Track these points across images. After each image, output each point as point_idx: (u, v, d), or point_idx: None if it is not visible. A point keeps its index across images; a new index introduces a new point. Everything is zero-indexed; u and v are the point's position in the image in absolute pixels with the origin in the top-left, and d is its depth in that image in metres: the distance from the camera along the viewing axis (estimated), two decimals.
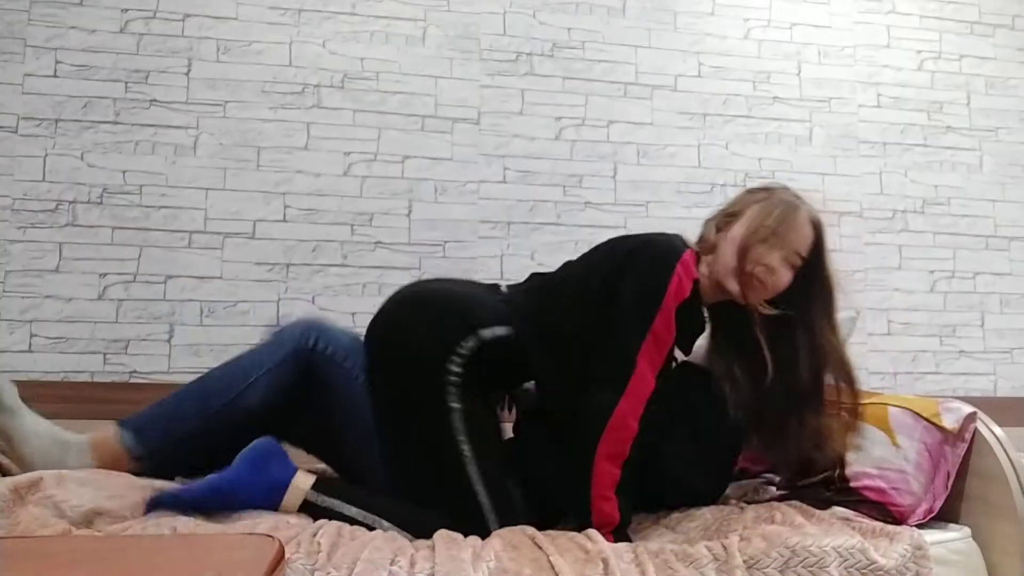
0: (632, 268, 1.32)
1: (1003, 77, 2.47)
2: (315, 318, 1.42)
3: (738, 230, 1.40)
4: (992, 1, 2.50)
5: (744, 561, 1.15)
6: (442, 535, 1.13)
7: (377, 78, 2.11)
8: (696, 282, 1.33)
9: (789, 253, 1.38)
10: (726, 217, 1.46)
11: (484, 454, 1.28)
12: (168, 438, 1.30)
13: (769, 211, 1.40)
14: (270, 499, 1.19)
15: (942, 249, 2.36)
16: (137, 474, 1.27)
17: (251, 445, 1.22)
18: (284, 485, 1.20)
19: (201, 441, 1.31)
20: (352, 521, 1.19)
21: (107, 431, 1.30)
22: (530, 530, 1.18)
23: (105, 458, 1.27)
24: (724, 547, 1.17)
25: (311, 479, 1.22)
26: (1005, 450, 1.41)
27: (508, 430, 1.47)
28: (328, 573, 0.99)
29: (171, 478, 1.29)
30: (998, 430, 1.44)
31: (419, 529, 1.20)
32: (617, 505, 1.25)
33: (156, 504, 1.15)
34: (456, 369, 1.27)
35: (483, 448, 1.28)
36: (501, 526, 1.22)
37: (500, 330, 1.32)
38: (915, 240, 2.35)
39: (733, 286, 1.38)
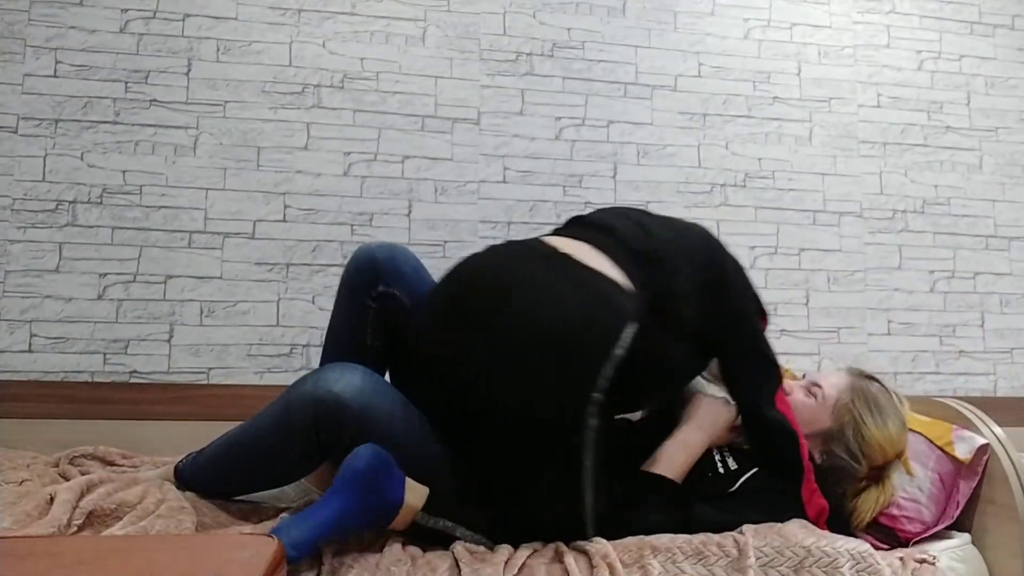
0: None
1: (1003, 77, 2.47)
2: (327, 399, 1.18)
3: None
4: (992, 1, 2.50)
5: (757, 559, 1.14)
6: (465, 553, 1.12)
7: (377, 78, 2.11)
8: None
9: None
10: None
11: (599, 465, 1.18)
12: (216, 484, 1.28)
13: None
14: (382, 519, 1.12)
15: (942, 249, 2.36)
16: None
17: (358, 463, 1.09)
18: (397, 505, 1.11)
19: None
20: (456, 540, 1.15)
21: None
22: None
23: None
24: (737, 543, 1.16)
25: (422, 496, 1.14)
26: (1006, 450, 1.41)
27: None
28: None
29: None
30: (998, 430, 1.45)
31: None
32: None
33: (278, 532, 1.07)
34: (597, 401, 1.13)
35: (598, 458, 1.18)
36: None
37: (629, 331, 1.14)
38: (915, 240, 2.35)
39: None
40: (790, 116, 2.32)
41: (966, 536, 1.41)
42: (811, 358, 2.24)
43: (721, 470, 1.35)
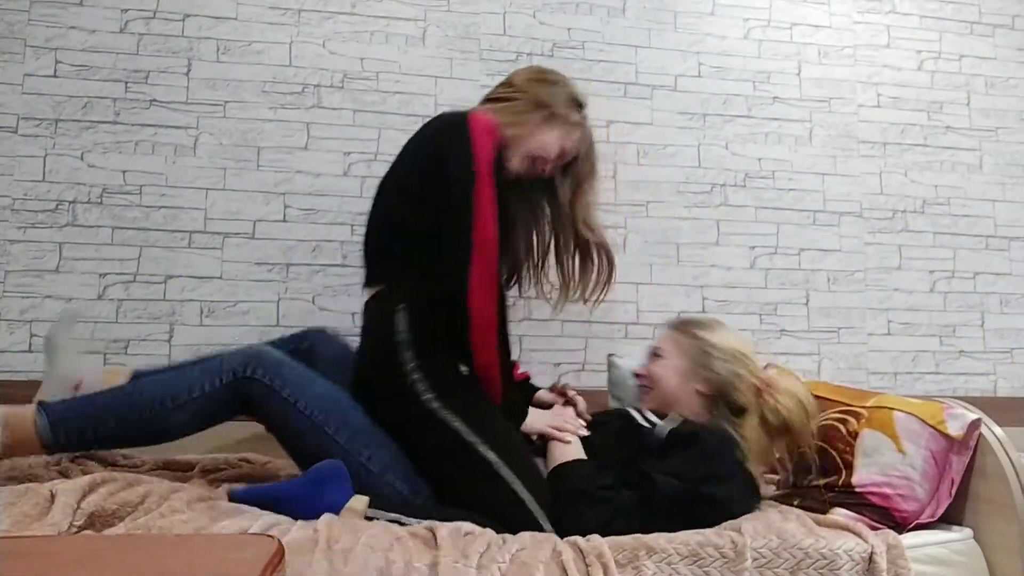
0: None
1: (1003, 77, 2.47)
2: (259, 350, 1.41)
3: None
4: (992, 1, 2.49)
5: (755, 560, 1.14)
6: (449, 537, 1.13)
7: (377, 78, 2.11)
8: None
9: None
10: None
11: (503, 446, 1.35)
12: (82, 438, 1.31)
13: None
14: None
15: (942, 249, 2.36)
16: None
17: (317, 466, 1.26)
18: (336, 509, 1.21)
19: (112, 444, 1.39)
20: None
21: (24, 410, 1.29)
22: (552, 537, 1.19)
23: (16, 436, 1.27)
24: (734, 543, 1.16)
25: (365, 500, 1.24)
26: (1006, 450, 1.41)
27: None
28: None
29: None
30: (998, 430, 1.45)
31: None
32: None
33: (232, 497, 1.25)
34: (421, 380, 1.37)
35: (498, 440, 1.35)
36: (544, 512, 1.28)
37: (399, 315, 1.41)
38: (915, 240, 2.35)
39: None
40: (790, 116, 2.32)
41: (967, 531, 1.41)
42: (811, 358, 2.24)
43: (647, 425, 1.44)
